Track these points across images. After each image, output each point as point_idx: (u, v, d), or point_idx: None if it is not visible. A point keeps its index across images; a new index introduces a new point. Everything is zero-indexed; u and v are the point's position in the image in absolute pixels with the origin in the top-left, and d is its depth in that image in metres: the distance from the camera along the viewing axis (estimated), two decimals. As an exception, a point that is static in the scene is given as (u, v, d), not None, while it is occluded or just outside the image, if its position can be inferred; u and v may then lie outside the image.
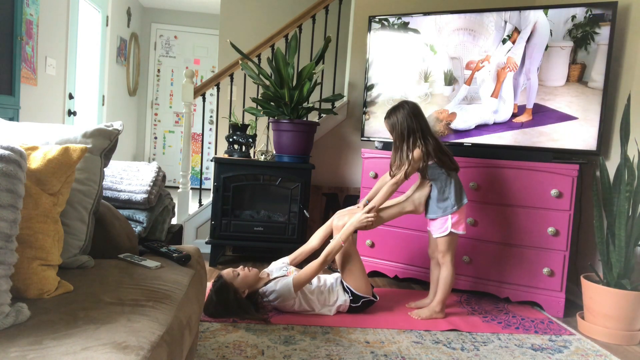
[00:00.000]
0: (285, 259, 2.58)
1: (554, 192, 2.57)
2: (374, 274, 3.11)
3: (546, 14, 2.69)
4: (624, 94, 2.67)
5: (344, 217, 2.48)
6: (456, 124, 2.97)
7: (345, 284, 2.39)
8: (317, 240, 2.58)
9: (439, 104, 3.01)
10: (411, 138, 2.37)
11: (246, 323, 2.19)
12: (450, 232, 2.39)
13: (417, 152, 2.35)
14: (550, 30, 2.69)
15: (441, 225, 2.41)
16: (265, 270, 2.48)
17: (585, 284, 2.39)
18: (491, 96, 2.86)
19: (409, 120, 2.37)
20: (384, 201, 2.43)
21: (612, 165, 2.65)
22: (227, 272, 2.28)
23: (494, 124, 2.86)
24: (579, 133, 2.65)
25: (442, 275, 2.43)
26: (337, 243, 2.34)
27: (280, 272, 2.44)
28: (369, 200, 2.49)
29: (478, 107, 2.90)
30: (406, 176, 2.38)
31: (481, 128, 2.90)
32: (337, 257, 2.42)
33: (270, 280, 2.35)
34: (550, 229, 2.58)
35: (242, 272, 2.29)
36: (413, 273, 2.97)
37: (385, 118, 2.47)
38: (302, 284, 2.30)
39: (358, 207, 2.53)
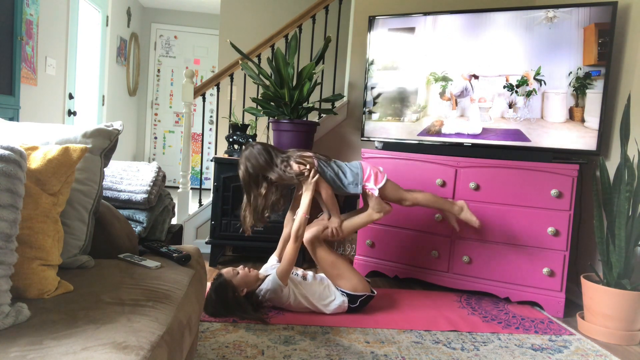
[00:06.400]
0: (274, 257, 2.58)
1: (554, 192, 2.57)
2: (374, 274, 3.11)
3: (551, 19, 2.69)
4: (624, 94, 2.67)
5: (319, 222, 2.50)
6: (458, 124, 2.97)
7: (340, 289, 2.40)
8: (290, 225, 2.54)
9: (439, 103, 3.01)
10: (265, 180, 2.34)
11: (246, 323, 2.19)
12: (380, 190, 2.41)
13: (295, 166, 2.32)
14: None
15: (371, 189, 2.42)
16: (260, 271, 2.48)
17: (585, 284, 2.39)
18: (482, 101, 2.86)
19: (253, 170, 2.33)
20: (335, 209, 2.45)
21: (612, 165, 2.65)
22: (227, 270, 2.30)
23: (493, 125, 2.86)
24: (579, 133, 2.65)
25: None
26: (301, 217, 2.33)
27: (272, 269, 2.44)
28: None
29: (476, 106, 2.90)
30: (320, 183, 2.37)
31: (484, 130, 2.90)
32: (321, 268, 2.43)
33: (264, 280, 2.36)
34: (550, 229, 2.58)
35: (242, 271, 2.30)
36: (413, 273, 2.97)
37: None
38: (286, 270, 2.29)
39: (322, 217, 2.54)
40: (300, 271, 2.49)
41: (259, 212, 2.36)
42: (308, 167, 2.33)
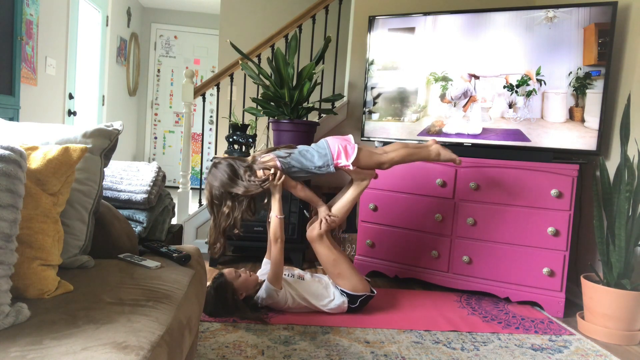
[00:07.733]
0: (267, 260, 2.56)
1: (554, 192, 2.57)
2: (374, 274, 3.11)
3: (551, 19, 2.69)
4: (624, 94, 2.67)
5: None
6: (458, 124, 2.97)
7: (340, 288, 2.39)
8: None
9: (438, 103, 3.01)
10: (230, 197, 2.26)
11: (246, 323, 2.19)
12: (354, 162, 2.34)
13: (260, 172, 2.26)
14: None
15: (345, 165, 2.35)
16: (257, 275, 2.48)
17: (585, 284, 2.39)
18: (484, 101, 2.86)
19: (218, 191, 2.25)
20: (315, 200, 2.44)
21: (612, 165, 2.65)
22: (228, 271, 2.29)
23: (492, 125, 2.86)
24: (579, 133, 2.65)
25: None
26: (274, 219, 2.31)
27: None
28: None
29: (477, 106, 2.90)
30: (286, 183, 2.32)
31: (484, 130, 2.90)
32: (322, 265, 2.42)
33: (262, 284, 2.36)
34: (550, 229, 2.58)
35: (243, 275, 2.30)
36: (413, 273, 2.97)
37: None
38: (276, 274, 2.28)
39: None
40: (296, 271, 2.49)
41: (224, 230, 2.28)
42: (272, 171, 2.28)
